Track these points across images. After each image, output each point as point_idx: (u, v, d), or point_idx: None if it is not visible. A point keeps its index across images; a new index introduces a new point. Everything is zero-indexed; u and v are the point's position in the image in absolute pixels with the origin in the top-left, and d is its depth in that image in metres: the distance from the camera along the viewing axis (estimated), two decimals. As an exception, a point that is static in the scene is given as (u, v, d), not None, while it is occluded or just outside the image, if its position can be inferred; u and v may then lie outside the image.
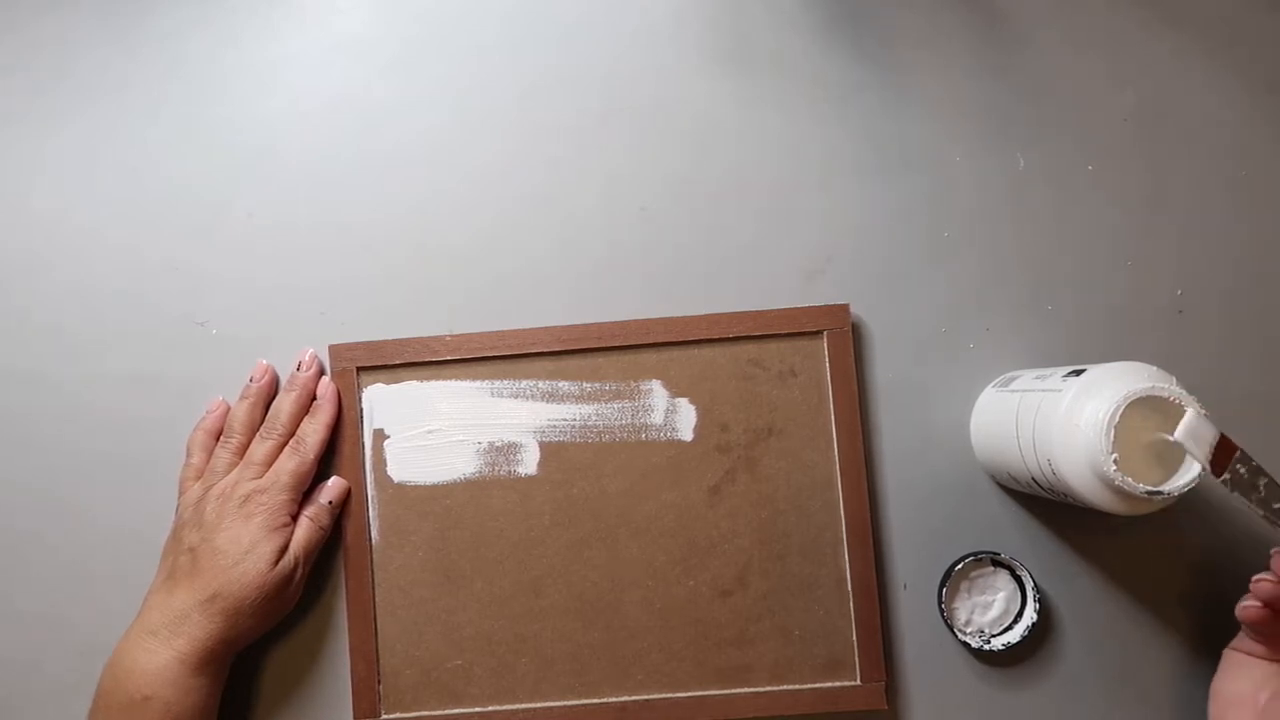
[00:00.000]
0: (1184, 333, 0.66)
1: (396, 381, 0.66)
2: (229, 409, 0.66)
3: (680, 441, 0.65)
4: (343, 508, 0.65)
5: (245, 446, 0.64)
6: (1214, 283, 0.66)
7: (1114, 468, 0.50)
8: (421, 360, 0.66)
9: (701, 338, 0.65)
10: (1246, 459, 0.51)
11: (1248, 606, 0.57)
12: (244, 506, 0.61)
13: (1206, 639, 0.65)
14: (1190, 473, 0.51)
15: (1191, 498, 0.54)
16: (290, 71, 0.69)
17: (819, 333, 0.65)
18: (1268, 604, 0.57)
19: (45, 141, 0.68)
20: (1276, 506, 0.51)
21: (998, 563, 0.64)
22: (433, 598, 0.65)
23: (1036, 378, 0.59)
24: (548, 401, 0.66)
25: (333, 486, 0.64)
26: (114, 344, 0.67)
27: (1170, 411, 0.51)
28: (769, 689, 0.64)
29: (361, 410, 0.66)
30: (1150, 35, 0.68)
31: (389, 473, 0.66)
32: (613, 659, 0.64)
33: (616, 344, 0.66)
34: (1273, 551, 0.58)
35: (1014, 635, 0.63)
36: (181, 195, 0.68)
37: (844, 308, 0.66)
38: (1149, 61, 0.68)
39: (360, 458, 0.65)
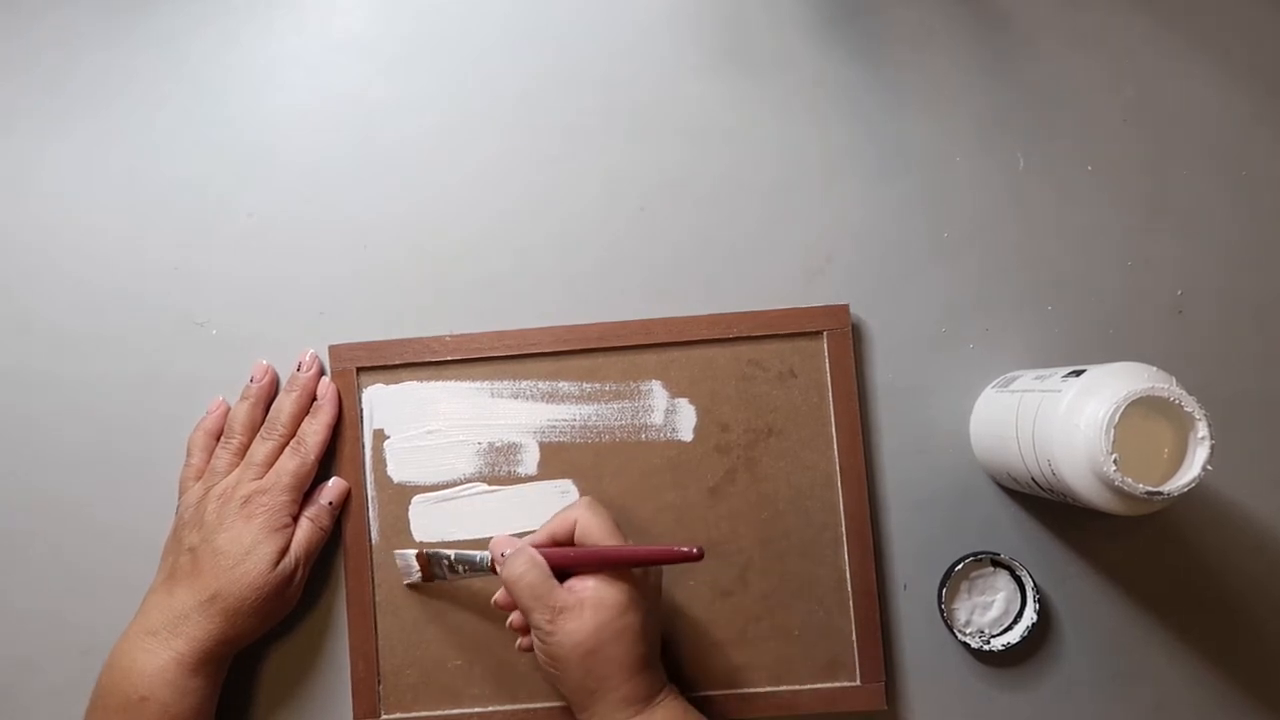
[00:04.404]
0: (1184, 333, 0.66)
1: (396, 382, 0.66)
2: (229, 409, 0.66)
3: (680, 442, 0.65)
4: (343, 508, 0.65)
5: (246, 447, 0.64)
6: (1214, 283, 0.66)
7: (1114, 468, 0.50)
8: (421, 361, 0.66)
9: (701, 338, 0.65)
10: (436, 558, 0.63)
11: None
12: (245, 507, 0.61)
13: (1206, 639, 0.65)
14: (1190, 473, 0.51)
15: (1191, 498, 0.54)
16: (290, 71, 0.69)
17: (819, 333, 0.65)
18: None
19: (46, 142, 0.68)
20: (464, 569, 0.63)
21: (997, 563, 0.64)
22: (433, 598, 0.65)
23: (1036, 378, 0.59)
24: (548, 402, 0.66)
25: (333, 487, 0.64)
26: (114, 344, 0.67)
27: (1170, 412, 0.51)
28: (769, 689, 0.64)
29: (361, 411, 0.66)
30: (1150, 36, 0.68)
31: (389, 473, 0.66)
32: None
33: (616, 344, 0.66)
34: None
35: (1014, 636, 0.63)
36: (181, 195, 0.68)
37: (844, 308, 0.66)
38: (1149, 62, 0.68)
39: (360, 458, 0.65)
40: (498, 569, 0.59)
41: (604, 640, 0.55)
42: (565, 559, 0.58)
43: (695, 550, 0.55)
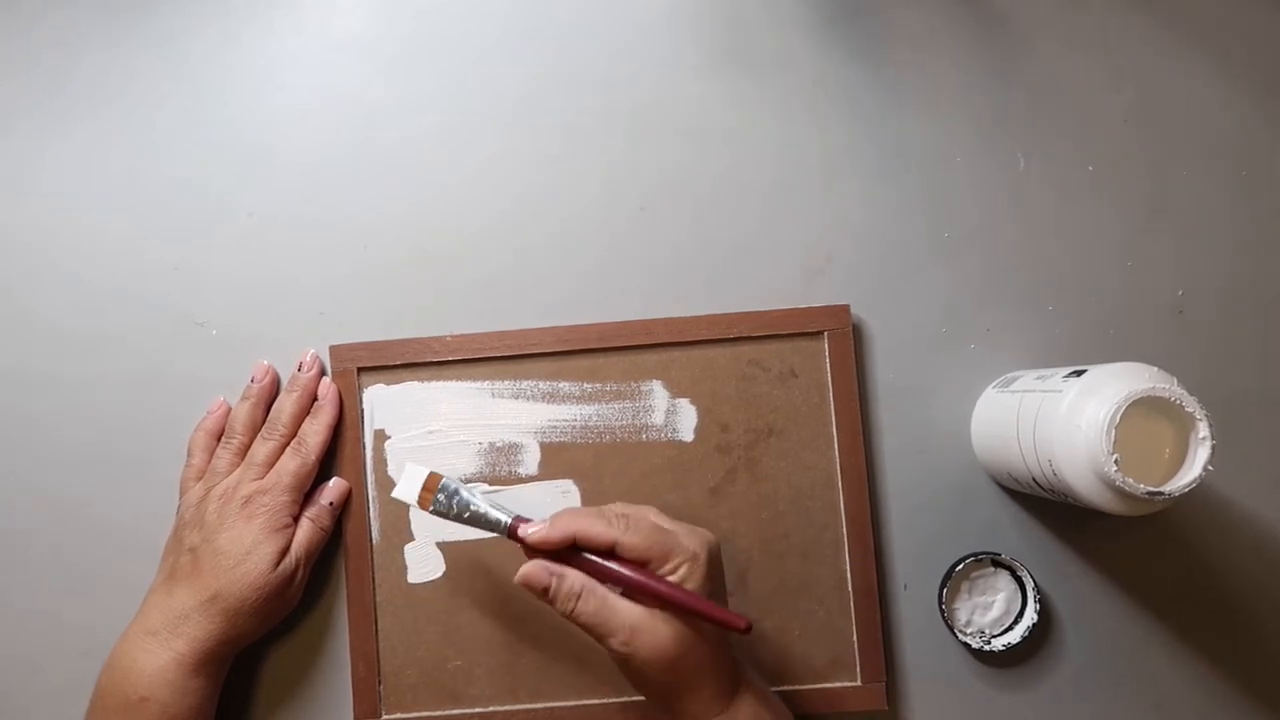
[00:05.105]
0: (1184, 333, 0.66)
1: (397, 382, 0.66)
2: (230, 409, 0.66)
3: (681, 442, 0.65)
4: (344, 508, 0.65)
5: (246, 447, 0.64)
6: (1214, 283, 0.66)
7: (1115, 468, 0.50)
8: (422, 361, 0.66)
9: (702, 338, 0.65)
10: (450, 493, 0.58)
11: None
12: (245, 507, 0.61)
13: (1206, 639, 0.65)
14: (1191, 473, 0.51)
15: (1192, 498, 0.54)
16: (290, 71, 0.69)
17: (819, 333, 0.65)
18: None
19: (46, 142, 0.68)
20: (473, 516, 0.58)
21: (998, 563, 0.64)
22: (433, 598, 0.65)
23: (1037, 378, 0.59)
24: (548, 402, 0.66)
25: (334, 487, 0.64)
26: (114, 344, 0.67)
27: (1171, 412, 0.51)
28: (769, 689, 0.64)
29: (362, 411, 0.66)
30: (1150, 36, 0.68)
31: (390, 473, 0.66)
32: (613, 659, 0.64)
33: (617, 344, 0.65)
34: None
35: (1014, 636, 0.63)
36: (181, 195, 0.68)
37: (844, 308, 0.66)
38: (1149, 62, 0.68)
39: (361, 458, 0.65)
40: (553, 603, 0.55)
41: (687, 646, 0.54)
42: (613, 577, 0.55)
43: (744, 624, 0.53)
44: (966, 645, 0.64)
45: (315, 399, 0.65)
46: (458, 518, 0.58)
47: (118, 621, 0.60)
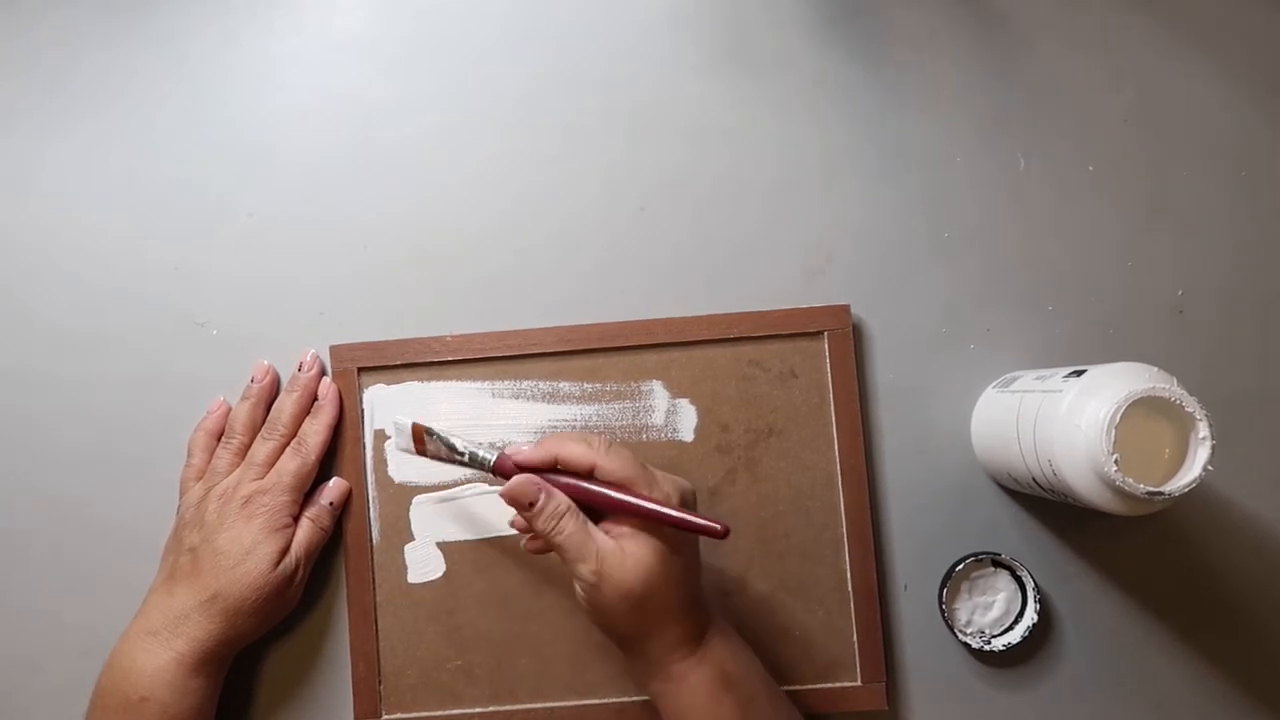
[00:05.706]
0: (1184, 333, 0.66)
1: (397, 382, 0.66)
2: (230, 409, 0.65)
3: (681, 442, 0.65)
4: (344, 508, 0.65)
5: (247, 447, 0.64)
6: (1214, 283, 0.66)
7: (1115, 468, 0.50)
8: (422, 361, 0.66)
9: (702, 338, 0.65)
10: (433, 435, 0.59)
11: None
12: (245, 507, 0.61)
13: (1206, 639, 0.65)
14: (1191, 473, 0.51)
15: (1192, 498, 0.54)
16: (290, 71, 0.69)
17: (819, 333, 0.65)
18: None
19: (46, 142, 0.68)
20: (465, 457, 0.59)
21: (998, 563, 0.64)
22: (433, 598, 0.65)
23: (1037, 378, 0.59)
24: (548, 402, 0.66)
25: (334, 487, 0.64)
26: (114, 344, 0.67)
27: (1171, 412, 0.51)
28: (769, 689, 0.64)
29: (362, 411, 0.66)
30: (1150, 36, 0.68)
31: (390, 473, 0.66)
32: (613, 659, 0.64)
33: (617, 344, 0.65)
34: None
35: (1014, 636, 0.63)
36: (181, 195, 0.68)
37: (844, 308, 0.66)
38: (1149, 62, 0.68)
39: (361, 458, 0.65)
40: (528, 519, 0.56)
41: (652, 587, 0.53)
42: (592, 498, 0.55)
43: (721, 528, 0.54)
44: (966, 645, 0.64)
45: (315, 399, 0.65)
46: (449, 459, 0.59)
47: (118, 621, 0.60)
